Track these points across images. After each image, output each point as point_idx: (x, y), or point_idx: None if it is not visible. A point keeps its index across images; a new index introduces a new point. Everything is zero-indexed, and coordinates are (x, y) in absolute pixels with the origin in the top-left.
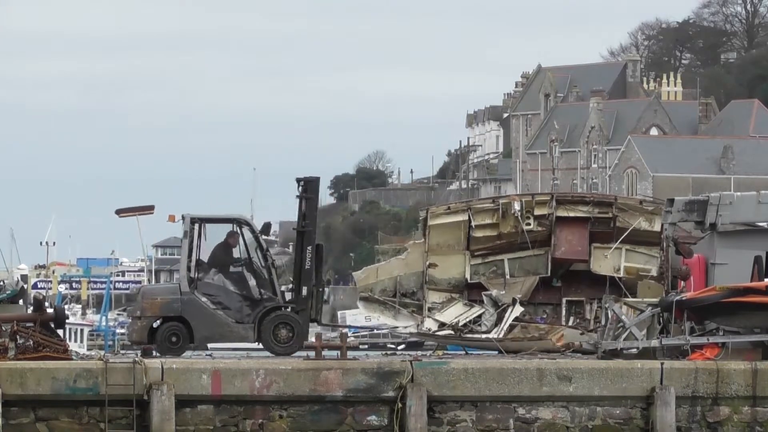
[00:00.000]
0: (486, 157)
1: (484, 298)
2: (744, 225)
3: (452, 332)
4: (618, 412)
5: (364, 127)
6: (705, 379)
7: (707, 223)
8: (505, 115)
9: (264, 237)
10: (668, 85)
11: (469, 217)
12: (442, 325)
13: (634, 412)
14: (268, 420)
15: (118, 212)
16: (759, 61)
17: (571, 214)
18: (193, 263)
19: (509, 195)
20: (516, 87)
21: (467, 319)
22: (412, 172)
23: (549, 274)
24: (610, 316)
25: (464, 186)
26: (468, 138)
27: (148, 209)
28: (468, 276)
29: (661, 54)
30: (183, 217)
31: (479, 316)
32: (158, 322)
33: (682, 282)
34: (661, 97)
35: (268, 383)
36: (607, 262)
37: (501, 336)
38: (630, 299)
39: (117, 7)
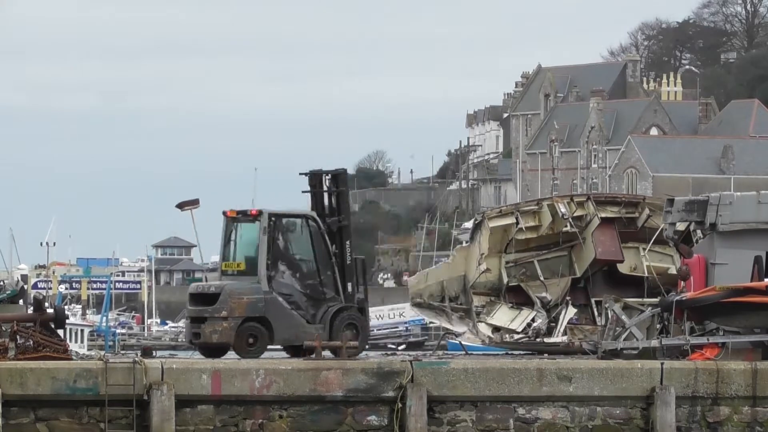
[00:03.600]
0: (486, 157)
1: (536, 300)
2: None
3: (527, 338)
4: (618, 412)
5: (364, 127)
6: (705, 379)
7: (707, 223)
8: (505, 115)
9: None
10: (668, 85)
11: (516, 219)
12: (496, 329)
13: (634, 412)
14: (268, 420)
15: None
16: (759, 61)
17: (602, 215)
18: (270, 261)
19: (551, 197)
20: (516, 87)
21: (527, 323)
22: (412, 172)
23: (580, 274)
24: (610, 316)
25: (464, 186)
26: (468, 138)
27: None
28: (505, 279)
29: (661, 54)
30: (260, 213)
31: (532, 320)
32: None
33: (682, 282)
34: (661, 97)
35: (268, 383)
36: (625, 262)
37: (559, 338)
38: (630, 299)
39: (118, 8)
